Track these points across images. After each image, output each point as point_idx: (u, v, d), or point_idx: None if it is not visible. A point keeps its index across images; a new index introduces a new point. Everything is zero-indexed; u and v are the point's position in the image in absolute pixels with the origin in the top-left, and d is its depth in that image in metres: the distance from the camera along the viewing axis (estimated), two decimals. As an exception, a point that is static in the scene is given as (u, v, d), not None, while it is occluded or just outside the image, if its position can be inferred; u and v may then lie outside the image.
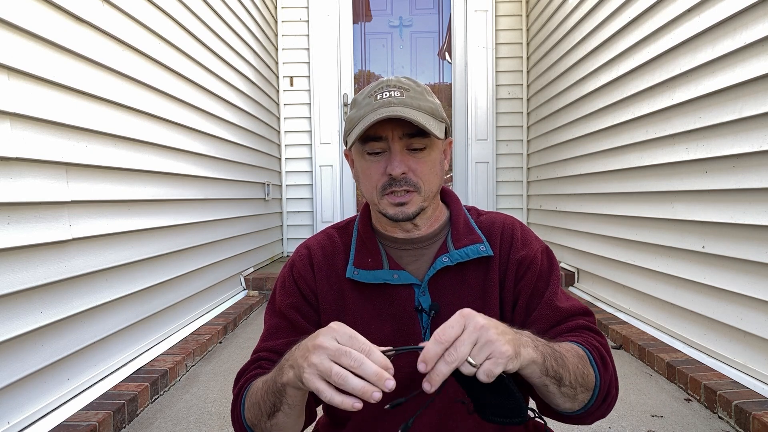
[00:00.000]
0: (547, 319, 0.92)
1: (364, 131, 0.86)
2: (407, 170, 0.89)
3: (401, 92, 0.90)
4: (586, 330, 0.91)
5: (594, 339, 0.89)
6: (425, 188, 0.91)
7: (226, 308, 3.42)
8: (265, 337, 0.98)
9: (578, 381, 0.78)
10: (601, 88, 3.23)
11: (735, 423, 1.84)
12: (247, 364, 0.96)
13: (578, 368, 0.78)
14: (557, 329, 0.91)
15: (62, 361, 1.84)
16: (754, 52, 1.93)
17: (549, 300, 0.93)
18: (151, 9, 2.50)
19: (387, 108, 0.86)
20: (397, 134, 0.88)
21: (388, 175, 0.89)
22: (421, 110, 0.88)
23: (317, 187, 5.07)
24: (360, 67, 5.28)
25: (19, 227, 1.65)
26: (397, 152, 0.88)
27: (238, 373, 0.95)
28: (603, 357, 0.85)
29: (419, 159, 0.90)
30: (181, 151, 2.81)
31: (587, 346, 0.85)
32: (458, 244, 0.95)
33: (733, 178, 2.07)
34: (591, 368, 0.81)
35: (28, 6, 1.70)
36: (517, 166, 5.05)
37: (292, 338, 0.93)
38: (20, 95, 1.66)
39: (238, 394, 0.90)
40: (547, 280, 0.95)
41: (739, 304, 2.06)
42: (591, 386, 0.81)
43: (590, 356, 0.83)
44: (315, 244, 1.01)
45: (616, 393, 0.86)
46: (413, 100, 0.89)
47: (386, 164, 0.89)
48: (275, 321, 0.99)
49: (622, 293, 3.08)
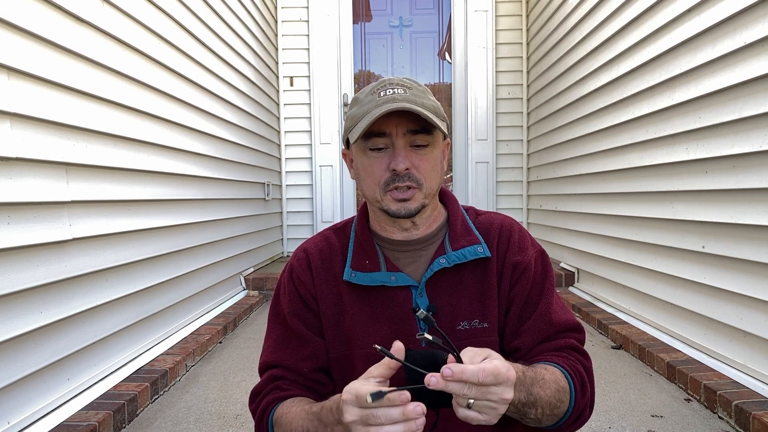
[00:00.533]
0: (539, 332, 0.93)
1: (370, 125, 0.86)
2: (410, 166, 0.89)
3: (404, 89, 0.90)
4: (574, 351, 0.93)
5: (579, 363, 0.91)
6: (427, 185, 0.91)
7: (226, 308, 3.42)
8: (273, 347, 1.00)
9: (545, 413, 0.81)
10: (601, 88, 3.22)
11: (735, 423, 1.84)
12: (263, 382, 0.98)
13: (551, 402, 0.81)
14: (546, 345, 0.93)
15: (62, 361, 1.84)
16: (754, 52, 1.93)
17: (543, 312, 0.94)
18: (151, 9, 2.50)
19: (392, 103, 0.86)
20: (401, 130, 0.88)
21: (391, 171, 0.89)
22: (424, 107, 0.88)
23: (317, 187, 5.07)
24: (360, 67, 5.28)
25: (19, 227, 1.65)
26: (401, 148, 0.88)
27: (254, 391, 0.98)
28: (584, 383, 0.88)
29: (422, 156, 0.90)
30: (181, 151, 2.81)
31: (571, 373, 0.87)
32: (456, 246, 0.95)
33: (733, 178, 2.07)
34: (567, 398, 0.85)
35: (28, 6, 1.70)
36: (517, 166, 5.05)
37: (300, 351, 0.96)
38: (20, 95, 1.66)
39: (262, 417, 0.93)
40: (541, 288, 0.95)
41: (739, 304, 2.06)
42: (560, 414, 0.84)
43: (572, 385, 0.86)
44: (313, 247, 1.01)
45: (589, 413, 0.91)
46: (417, 98, 0.89)
47: (389, 160, 0.89)
48: (280, 331, 1.00)
49: (622, 293, 3.08)
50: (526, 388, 0.78)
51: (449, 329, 0.92)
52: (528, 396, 0.78)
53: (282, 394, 0.93)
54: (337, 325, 0.96)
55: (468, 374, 0.66)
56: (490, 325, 0.93)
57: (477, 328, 0.92)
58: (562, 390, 0.84)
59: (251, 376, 2.42)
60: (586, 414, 0.89)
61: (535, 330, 0.93)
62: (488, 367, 0.68)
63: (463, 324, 0.92)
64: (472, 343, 0.91)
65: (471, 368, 0.67)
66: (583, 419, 0.89)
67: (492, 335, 0.93)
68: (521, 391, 0.77)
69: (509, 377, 0.69)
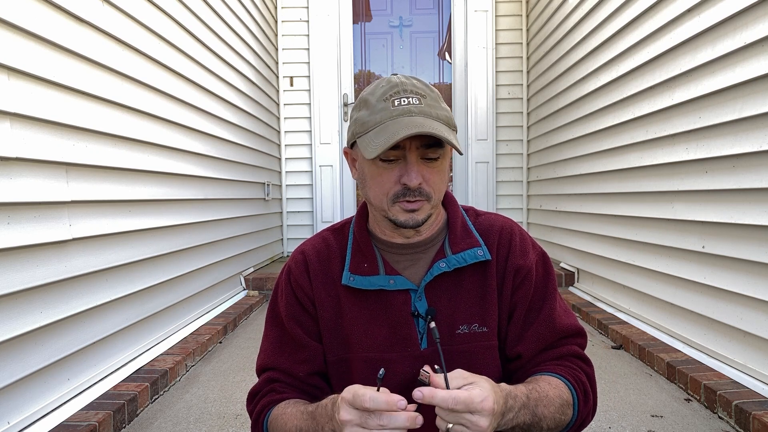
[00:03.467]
0: (542, 339, 0.93)
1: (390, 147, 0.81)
2: (422, 181, 0.87)
3: (419, 99, 0.86)
4: (577, 359, 0.94)
5: (581, 371, 0.93)
6: (435, 197, 0.90)
7: (226, 308, 3.42)
8: (270, 350, 1.00)
9: (550, 427, 0.84)
10: (601, 88, 3.22)
11: (735, 423, 1.84)
12: (260, 384, 0.98)
13: (555, 417, 0.84)
14: (548, 354, 0.94)
15: (62, 361, 1.84)
16: (754, 52, 1.93)
17: (546, 317, 0.94)
18: (151, 9, 2.50)
19: (408, 117, 0.83)
20: (415, 144, 0.85)
21: (402, 185, 0.86)
22: (439, 119, 0.85)
23: (317, 187, 5.07)
24: (360, 67, 5.28)
25: (19, 227, 1.65)
26: (413, 163, 0.86)
27: (251, 392, 0.98)
28: (586, 393, 0.90)
29: (433, 169, 0.88)
30: (181, 151, 2.81)
31: (574, 384, 0.89)
32: (456, 249, 0.94)
33: (733, 178, 2.07)
34: (571, 411, 0.87)
35: (28, 6, 1.70)
36: (517, 166, 5.05)
37: (296, 355, 0.96)
38: (20, 95, 1.66)
39: (258, 418, 0.94)
40: (544, 293, 0.95)
41: (739, 304, 2.06)
42: (564, 425, 0.87)
43: (575, 397, 0.88)
44: (310, 249, 1.00)
45: (591, 418, 0.92)
46: (432, 110, 0.86)
47: (400, 173, 0.86)
48: (277, 333, 1.00)
49: (622, 293, 3.08)
50: (530, 410, 0.80)
51: (448, 333, 0.91)
52: (533, 417, 0.80)
53: (278, 396, 0.94)
54: (335, 328, 0.95)
55: (438, 399, 0.70)
56: (489, 330, 0.93)
57: (476, 332, 0.92)
58: (566, 404, 0.86)
59: (251, 376, 2.42)
60: (588, 420, 0.91)
61: (538, 336, 0.93)
62: (461, 396, 0.70)
63: (463, 328, 0.92)
64: (472, 347, 0.92)
65: (441, 394, 0.70)
66: (585, 425, 0.91)
67: (491, 339, 0.93)
68: (526, 414, 0.79)
69: (483, 408, 0.70)
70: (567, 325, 0.95)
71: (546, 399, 0.82)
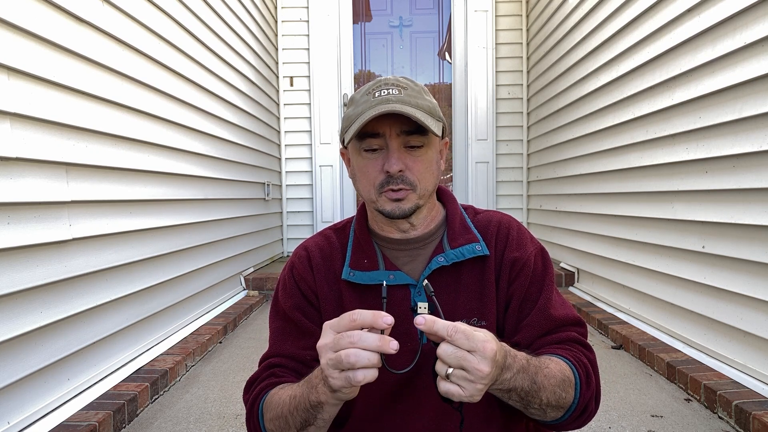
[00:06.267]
0: (538, 327, 0.92)
1: (361, 127, 0.85)
2: (404, 168, 0.89)
3: (399, 90, 0.89)
4: (577, 344, 0.92)
5: (583, 354, 0.90)
6: (421, 186, 0.91)
7: (226, 308, 3.42)
8: (273, 341, 0.99)
9: (550, 403, 0.80)
10: (601, 88, 3.22)
11: (735, 423, 1.84)
12: (259, 371, 0.96)
13: (556, 392, 0.80)
14: (547, 338, 0.92)
15: (62, 361, 1.84)
16: (754, 52, 1.93)
17: (542, 307, 0.93)
18: (151, 9, 2.50)
19: (385, 105, 0.86)
20: (394, 131, 0.88)
21: (385, 173, 0.89)
22: (419, 108, 0.88)
23: (317, 187, 5.07)
24: (360, 67, 5.28)
25: (19, 227, 1.65)
26: (394, 149, 0.88)
27: (249, 381, 0.96)
28: (588, 375, 0.87)
29: (416, 157, 0.90)
30: (181, 151, 2.81)
31: (575, 364, 0.86)
32: (454, 244, 0.95)
33: (733, 178, 2.07)
34: (572, 391, 0.84)
35: (28, 6, 1.70)
36: (517, 166, 5.05)
37: (301, 342, 0.95)
38: (20, 95, 1.66)
39: (253, 404, 0.91)
40: (541, 284, 0.95)
41: (739, 304, 2.06)
42: (565, 406, 0.83)
43: (577, 377, 0.85)
44: (313, 245, 1.01)
45: (596, 407, 0.89)
46: (411, 98, 0.89)
47: (383, 161, 0.89)
48: (280, 324, 0.99)
49: (622, 293, 3.08)
50: (530, 376, 0.77)
51: None
52: (532, 384, 0.77)
53: (277, 380, 0.92)
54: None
55: (438, 325, 0.69)
56: (488, 324, 0.93)
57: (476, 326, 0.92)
58: (567, 381, 0.83)
59: (251, 376, 2.42)
60: (591, 407, 0.88)
61: (534, 325, 0.92)
62: (461, 326, 0.69)
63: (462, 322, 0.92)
64: None
65: (442, 322, 0.69)
66: (589, 414, 0.88)
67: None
68: (525, 379, 0.77)
69: (486, 349, 0.68)
70: (564, 314, 0.94)
71: (547, 369, 0.80)
